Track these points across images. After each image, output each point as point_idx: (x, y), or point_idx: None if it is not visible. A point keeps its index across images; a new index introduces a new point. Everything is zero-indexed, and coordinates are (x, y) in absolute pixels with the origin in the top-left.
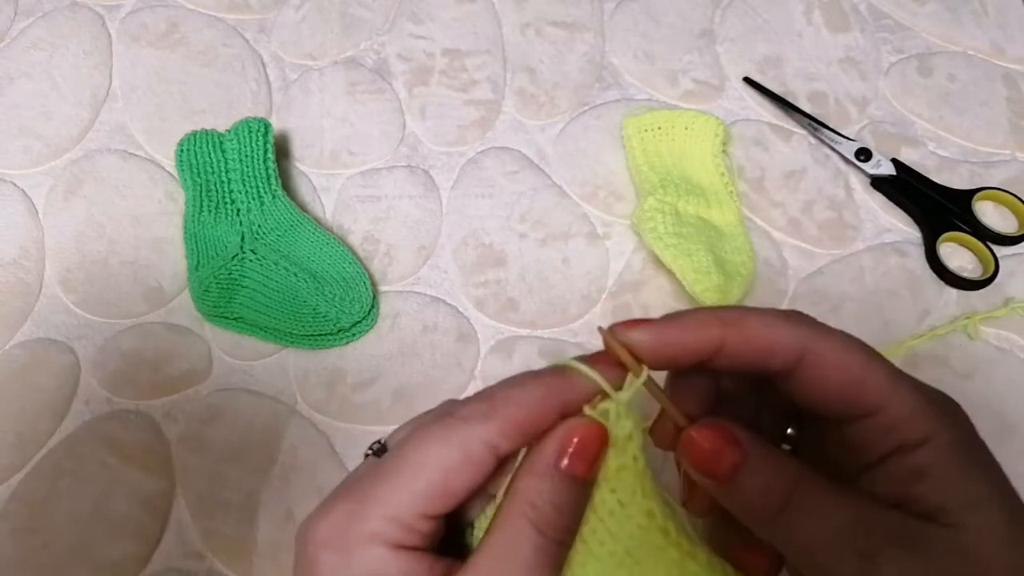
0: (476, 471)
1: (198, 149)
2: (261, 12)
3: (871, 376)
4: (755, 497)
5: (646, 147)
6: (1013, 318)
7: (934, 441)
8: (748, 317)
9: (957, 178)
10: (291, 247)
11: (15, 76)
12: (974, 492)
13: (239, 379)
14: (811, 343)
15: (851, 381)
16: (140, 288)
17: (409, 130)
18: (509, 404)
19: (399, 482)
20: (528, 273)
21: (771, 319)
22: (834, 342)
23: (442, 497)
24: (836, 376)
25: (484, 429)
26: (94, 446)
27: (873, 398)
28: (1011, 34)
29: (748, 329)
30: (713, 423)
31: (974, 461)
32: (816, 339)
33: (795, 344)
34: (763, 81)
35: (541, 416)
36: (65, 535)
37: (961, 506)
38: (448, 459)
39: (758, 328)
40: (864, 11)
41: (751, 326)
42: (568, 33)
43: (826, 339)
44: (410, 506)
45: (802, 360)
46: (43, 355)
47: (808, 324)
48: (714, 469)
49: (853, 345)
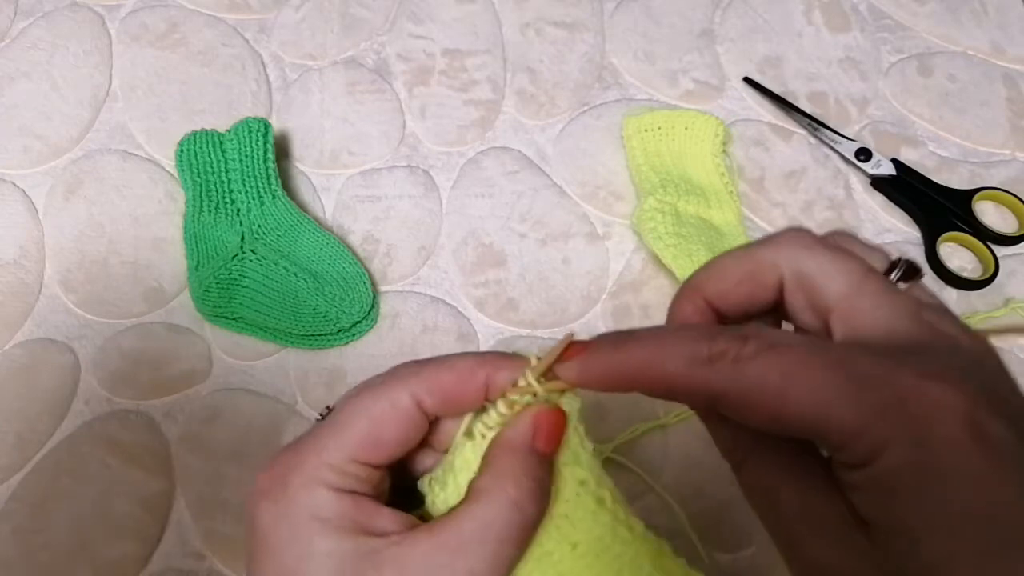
0: (403, 421)
1: (198, 149)
2: (261, 12)
3: (797, 398)
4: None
5: (646, 147)
6: (1013, 318)
7: (875, 464)
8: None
9: (957, 178)
10: (291, 247)
11: (15, 76)
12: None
13: (239, 379)
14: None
15: (774, 408)
16: (140, 288)
17: (409, 130)
18: (438, 365)
19: (334, 430)
20: (528, 273)
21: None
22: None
23: (373, 445)
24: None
25: (411, 383)
26: (94, 446)
27: (805, 425)
28: (1011, 34)
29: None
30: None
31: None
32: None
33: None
34: (763, 81)
35: (465, 383)
36: (65, 535)
37: (887, 531)
38: (375, 409)
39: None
40: (864, 11)
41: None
42: (568, 33)
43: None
44: (343, 452)
45: (716, 404)
46: (43, 355)
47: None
48: None
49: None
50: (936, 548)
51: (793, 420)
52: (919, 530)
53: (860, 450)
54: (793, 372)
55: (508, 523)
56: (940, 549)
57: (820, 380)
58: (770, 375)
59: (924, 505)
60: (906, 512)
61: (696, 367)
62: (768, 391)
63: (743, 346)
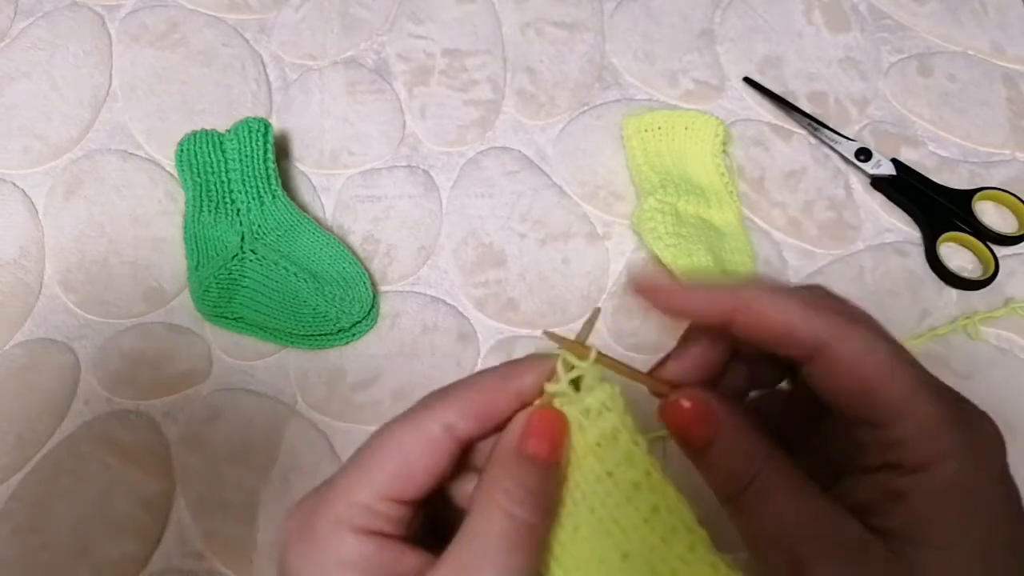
0: (435, 452)
1: (198, 149)
2: (261, 12)
3: (888, 386)
4: (719, 478)
5: (646, 147)
6: (1013, 318)
7: (931, 471)
8: (763, 298)
9: (957, 178)
10: (291, 247)
11: (15, 76)
12: (940, 537)
13: (239, 379)
14: (832, 336)
15: (865, 387)
16: (140, 288)
17: (409, 130)
18: (465, 388)
19: (362, 467)
20: (528, 273)
21: (789, 304)
22: (854, 342)
23: (404, 479)
24: (849, 381)
25: (439, 412)
26: (94, 446)
27: (884, 411)
28: (1011, 34)
29: (760, 311)
30: (693, 394)
31: (966, 505)
32: (835, 335)
33: (811, 337)
34: (763, 81)
35: (496, 398)
36: (65, 535)
37: (923, 544)
38: (406, 441)
39: (772, 313)
40: (864, 11)
41: (764, 309)
42: (568, 33)
43: (846, 336)
44: (372, 489)
45: (819, 352)
46: (43, 355)
47: (830, 313)
48: (689, 440)
49: (879, 346)
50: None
51: (881, 397)
52: (958, 546)
53: (922, 451)
54: (896, 356)
55: (504, 534)
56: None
57: (914, 375)
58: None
59: (968, 522)
60: (950, 525)
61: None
62: (872, 362)
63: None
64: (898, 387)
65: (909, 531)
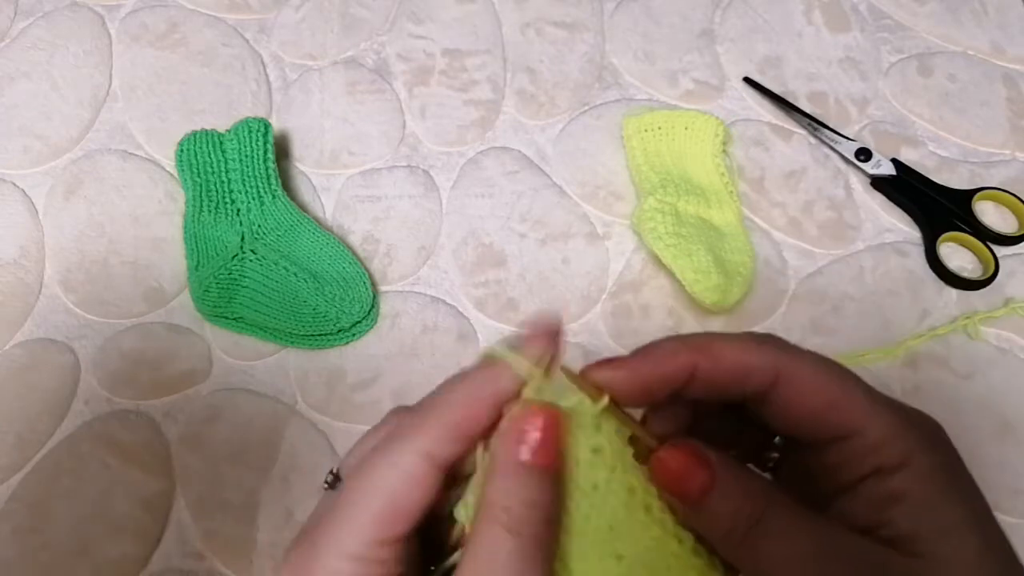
0: (421, 486)
1: (198, 149)
2: (261, 12)
3: (847, 398)
4: (723, 520)
5: (646, 147)
6: (1013, 318)
7: (912, 466)
8: (718, 341)
9: (957, 178)
10: (291, 247)
11: (15, 76)
12: (948, 520)
13: (239, 379)
14: (785, 365)
15: (827, 403)
16: (140, 288)
17: (409, 130)
18: (438, 408)
19: (348, 515)
20: (528, 273)
21: (742, 343)
22: (808, 364)
23: (392, 521)
24: (811, 399)
25: (418, 441)
26: (94, 446)
27: (849, 420)
28: (1011, 34)
29: (719, 353)
30: (683, 444)
31: (952, 487)
32: (790, 361)
33: (768, 367)
34: (763, 81)
35: (473, 414)
36: (65, 535)
37: (933, 534)
38: (390, 481)
39: (729, 352)
40: (864, 11)
41: (722, 350)
42: (568, 33)
43: (800, 361)
44: (362, 537)
45: (776, 383)
46: (43, 355)
47: (781, 346)
48: (684, 490)
49: (829, 367)
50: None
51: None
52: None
53: (896, 450)
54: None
55: (512, 553)
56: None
57: (864, 391)
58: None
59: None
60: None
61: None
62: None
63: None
64: (856, 399)
65: (916, 528)
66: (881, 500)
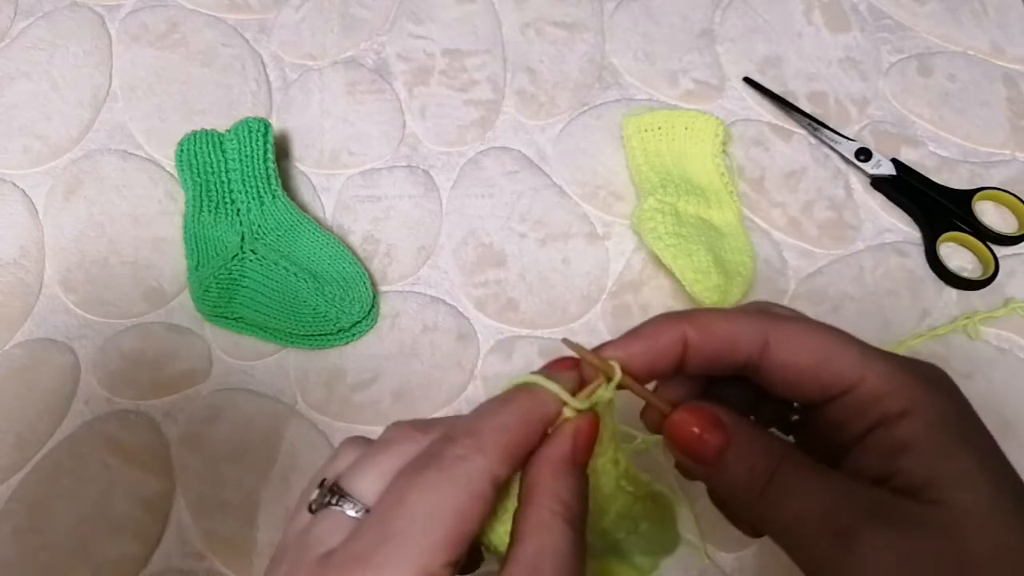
0: (484, 505)
1: (198, 149)
2: (261, 12)
3: (839, 354)
4: (740, 478)
5: (646, 147)
6: (1013, 318)
7: (917, 413)
8: (707, 312)
9: (957, 178)
10: (291, 247)
11: (15, 76)
12: (959, 466)
13: (239, 379)
14: (773, 329)
15: (818, 361)
16: (140, 288)
17: (409, 130)
18: (496, 431)
19: (415, 539)
20: (528, 273)
21: (731, 312)
22: (797, 325)
23: (459, 540)
24: (803, 357)
25: (483, 462)
26: (94, 446)
27: (844, 375)
28: (1011, 34)
29: (707, 324)
30: (696, 406)
31: (962, 433)
32: (777, 325)
33: (757, 332)
34: (763, 81)
35: (528, 436)
36: (65, 535)
37: (945, 480)
38: (458, 502)
39: (718, 321)
40: (864, 11)
41: (711, 319)
42: (568, 33)
43: (788, 323)
44: (433, 557)
45: (767, 347)
46: (43, 355)
47: (768, 312)
48: (700, 451)
49: (818, 327)
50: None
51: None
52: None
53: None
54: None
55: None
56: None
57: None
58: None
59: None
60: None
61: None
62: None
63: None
64: (848, 354)
65: (929, 475)
66: (889, 449)
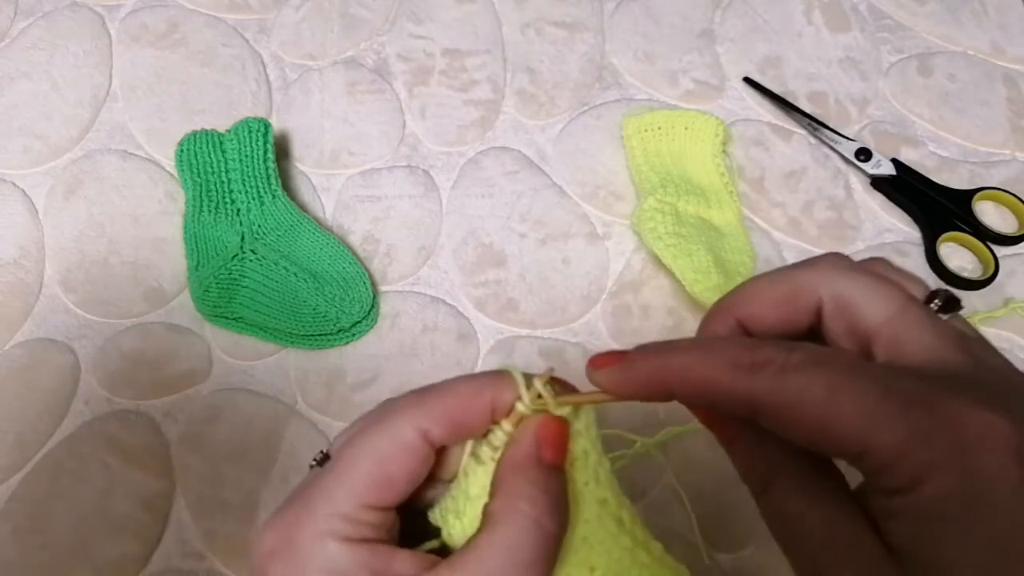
0: (410, 456)
1: (198, 149)
2: (261, 12)
3: (837, 421)
4: (742, 472)
5: (646, 147)
6: (1013, 318)
7: (916, 490)
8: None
9: (957, 178)
10: (291, 247)
11: (15, 76)
12: (940, 557)
13: (239, 379)
14: (761, 395)
15: (812, 431)
16: (140, 288)
17: (409, 130)
18: (439, 393)
19: (338, 478)
20: (528, 273)
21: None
22: (788, 391)
23: (380, 486)
24: (794, 430)
25: (413, 416)
26: (94, 446)
27: (843, 446)
28: (1011, 34)
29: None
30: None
31: (961, 517)
32: (767, 391)
33: (742, 398)
34: (763, 81)
35: (471, 407)
36: (65, 535)
37: (924, 565)
38: (380, 447)
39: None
40: (864, 11)
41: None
42: (568, 33)
43: (779, 387)
44: (351, 498)
45: (756, 414)
46: (43, 355)
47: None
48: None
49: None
50: None
51: (835, 436)
52: (959, 564)
53: (903, 474)
54: (839, 386)
55: (532, 544)
56: None
57: (866, 397)
58: (815, 387)
59: (967, 538)
60: (946, 544)
61: (739, 374)
62: (811, 404)
63: (788, 356)
64: (849, 418)
65: (911, 550)
66: (880, 512)
